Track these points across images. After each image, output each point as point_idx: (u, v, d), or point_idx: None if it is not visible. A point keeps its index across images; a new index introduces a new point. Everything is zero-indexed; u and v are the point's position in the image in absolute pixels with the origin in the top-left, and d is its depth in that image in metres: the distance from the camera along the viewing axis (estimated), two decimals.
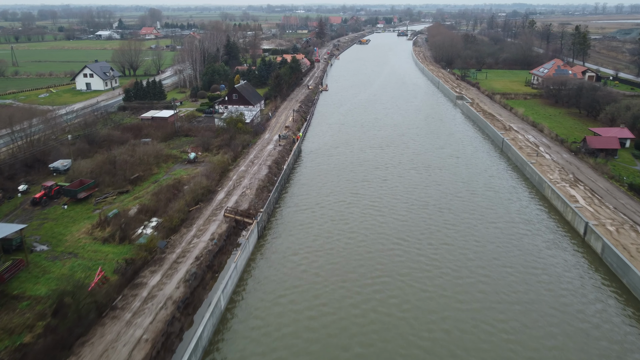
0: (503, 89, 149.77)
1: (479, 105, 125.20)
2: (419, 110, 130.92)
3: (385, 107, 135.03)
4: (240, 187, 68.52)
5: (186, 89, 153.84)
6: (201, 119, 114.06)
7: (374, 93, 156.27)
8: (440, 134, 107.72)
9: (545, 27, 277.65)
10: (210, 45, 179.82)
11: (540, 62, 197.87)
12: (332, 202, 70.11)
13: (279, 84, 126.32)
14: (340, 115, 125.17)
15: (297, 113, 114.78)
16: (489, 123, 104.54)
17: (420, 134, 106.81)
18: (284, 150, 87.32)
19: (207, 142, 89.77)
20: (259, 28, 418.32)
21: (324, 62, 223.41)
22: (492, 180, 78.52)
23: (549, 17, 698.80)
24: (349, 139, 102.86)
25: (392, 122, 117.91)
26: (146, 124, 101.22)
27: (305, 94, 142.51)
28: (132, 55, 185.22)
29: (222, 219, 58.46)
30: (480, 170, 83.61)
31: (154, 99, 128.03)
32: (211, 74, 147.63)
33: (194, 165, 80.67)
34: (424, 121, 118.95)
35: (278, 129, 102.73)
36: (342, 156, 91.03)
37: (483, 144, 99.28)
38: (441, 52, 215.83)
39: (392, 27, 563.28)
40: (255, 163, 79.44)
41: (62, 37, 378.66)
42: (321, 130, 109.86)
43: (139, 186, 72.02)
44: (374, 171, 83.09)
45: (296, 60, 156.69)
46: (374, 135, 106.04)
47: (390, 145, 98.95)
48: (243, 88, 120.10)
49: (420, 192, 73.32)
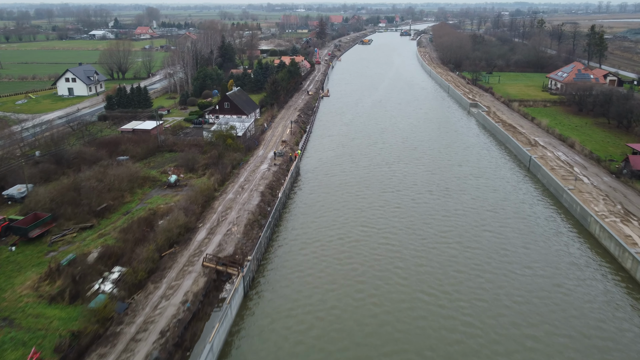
0: (519, 95, 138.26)
1: (496, 114, 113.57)
2: (430, 119, 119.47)
3: (392, 115, 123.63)
4: (225, 223, 57.09)
5: (176, 95, 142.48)
6: (189, 131, 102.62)
7: (379, 99, 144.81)
8: (456, 147, 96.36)
9: (555, 27, 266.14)
10: (204, 46, 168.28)
11: (554, 65, 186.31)
12: (335, 238, 58.80)
13: (275, 91, 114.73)
14: (343, 125, 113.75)
15: (296, 124, 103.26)
16: (511, 136, 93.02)
17: (433, 148, 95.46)
18: (279, 170, 75.88)
19: (192, 161, 78.37)
20: (257, 27, 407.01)
21: (324, 64, 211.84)
22: (524, 209, 67.08)
23: (553, 16, 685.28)
24: (353, 154, 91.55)
25: (400, 133, 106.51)
26: (125, 138, 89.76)
27: (305, 100, 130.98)
28: (120, 57, 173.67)
29: (200, 270, 47.06)
30: (507, 194, 72.21)
31: (138, 107, 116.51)
32: (203, 79, 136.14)
33: (174, 191, 69.31)
34: (436, 132, 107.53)
35: (274, 143, 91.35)
36: (346, 176, 79.69)
37: (506, 161, 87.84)
38: (449, 54, 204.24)
39: (394, 26, 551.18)
40: (245, 188, 67.95)
41: (55, 37, 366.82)
42: (322, 144, 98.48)
43: (106, 219, 60.68)
44: (383, 195, 71.76)
45: (295, 63, 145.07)
46: (381, 149, 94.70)
47: (400, 161, 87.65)
48: (236, 96, 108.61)
49: (440, 224, 61.98)
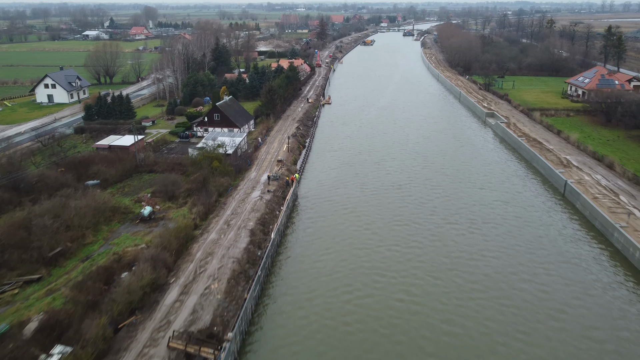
0: (538, 102, 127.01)
1: (516, 126, 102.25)
2: (442, 131, 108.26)
3: (401, 125, 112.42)
4: (204, 277, 45.93)
5: (166, 102, 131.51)
6: (174, 146, 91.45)
7: (385, 106, 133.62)
8: (475, 165, 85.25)
9: (565, 28, 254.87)
10: (196, 49, 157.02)
11: (569, 68, 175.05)
12: (340, 291, 47.75)
13: (271, 100, 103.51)
14: (347, 137, 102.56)
15: (294, 138, 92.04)
16: (538, 154, 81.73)
17: (449, 165, 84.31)
18: (273, 199, 64.69)
19: (172, 186, 67.24)
20: (255, 28, 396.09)
21: (325, 66, 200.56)
22: (567, 249, 55.88)
23: (556, 15, 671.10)
24: (359, 174, 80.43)
25: (411, 147, 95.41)
26: (99, 157, 78.55)
27: (304, 109, 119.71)
28: (107, 59, 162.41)
29: (164, 355, 35.92)
30: (543, 228, 61.02)
31: (120, 117, 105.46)
32: (193, 85, 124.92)
33: (147, 226, 58.21)
34: (451, 146, 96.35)
35: (268, 163, 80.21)
36: (352, 203, 68.58)
37: (535, 185, 76.57)
38: (457, 56, 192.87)
39: (396, 26, 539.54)
40: (232, 225, 56.73)
41: (47, 38, 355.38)
42: (323, 162, 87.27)
43: (59, 267, 49.61)
44: (396, 229, 60.67)
45: (294, 68, 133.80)
46: (391, 167, 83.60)
47: (412, 182, 76.57)
48: (227, 106, 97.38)
49: (468, 270, 50.85)
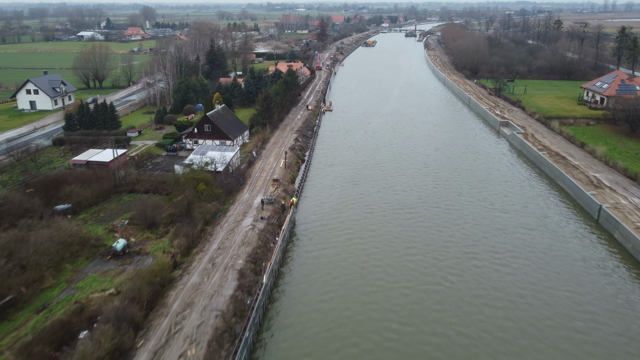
0: (553, 110, 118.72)
1: (535, 137, 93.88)
2: (453, 141, 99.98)
3: (408, 135, 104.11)
4: (180, 338, 37.59)
5: (157, 108, 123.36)
6: (160, 161, 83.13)
7: (390, 113, 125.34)
8: (492, 182, 76.94)
9: (573, 28, 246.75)
10: (189, 51, 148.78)
11: (582, 72, 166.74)
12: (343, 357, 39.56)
13: (268, 108, 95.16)
14: (350, 149, 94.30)
15: (292, 152, 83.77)
16: (564, 172, 73.34)
17: (464, 182, 75.99)
18: (267, 228, 56.40)
19: (152, 211, 58.97)
20: (252, 29, 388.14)
21: (326, 69, 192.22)
22: (613, 292, 47.47)
23: (559, 15, 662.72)
24: (364, 193, 72.18)
25: (420, 159, 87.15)
26: (75, 175, 70.25)
27: (303, 117, 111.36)
28: (97, 62, 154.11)
29: None
30: (580, 264, 52.54)
31: (104, 127, 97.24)
32: (184, 91, 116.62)
33: (119, 264, 49.96)
34: (464, 159, 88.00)
35: (263, 181, 71.95)
36: (357, 232, 60.26)
37: (563, 208, 68.14)
38: (464, 58, 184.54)
39: (397, 26, 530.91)
40: (217, 264, 48.40)
41: (41, 38, 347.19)
42: (324, 178, 78.95)
43: (9, 321, 41.38)
44: (408, 264, 52.36)
45: (292, 72, 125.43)
46: (399, 186, 75.32)
47: (425, 202, 68.28)
48: (219, 116, 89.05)
49: (499, 324, 42.56)
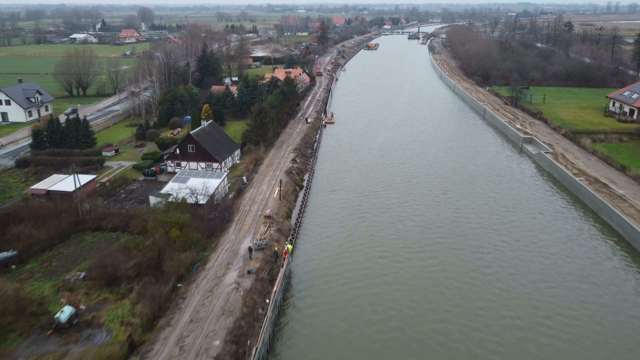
0: (578, 122, 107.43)
1: (566, 157, 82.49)
2: (471, 160, 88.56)
3: (419, 152, 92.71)
4: None
5: (142, 120, 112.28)
6: (136, 187, 71.79)
7: (398, 125, 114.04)
8: (522, 213, 65.45)
9: (586, 31, 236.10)
10: (180, 56, 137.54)
11: (601, 78, 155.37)
12: None
13: (262, 124, 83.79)
14: (354, 170, 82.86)
15: (288, 177, 72.41)
16: (609, 204, 61.96)
17: (488, 213, 64.55)
18: (255, 288, 45.01)
19: (114, 261, 47.74)
20: (252, 30, 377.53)
21: (327, 75, 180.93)
22: None
23: (562, 17, 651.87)
24: (372, 230, 60.87)
25: (438, 186, 75.76)
26: (30, 209, 59.05)
27: (302, 132, 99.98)
28: (80, 68, 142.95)
29: None
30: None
31: (77, 145, 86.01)
32: (171, 102, 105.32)
33: (62, 342, 38.70)
34: (487, 185, 76.58)
35: (254, 216, 60.66)
36: (367, 286, 48.90)
37: (615, 250, 56.58)
38: (474, 64, 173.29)
39: (400, 28, 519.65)
40: (187, 347, 36.85)
41: (32, 41, 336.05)
42: (326, 210, 67.45)
43: None
44: (434, 336, 41.12)
45: (290, 81, 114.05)
46: (413, 218, 63.98)
47: (445, 242, 56.95)
48: (205, 134, 77.65)
49: None
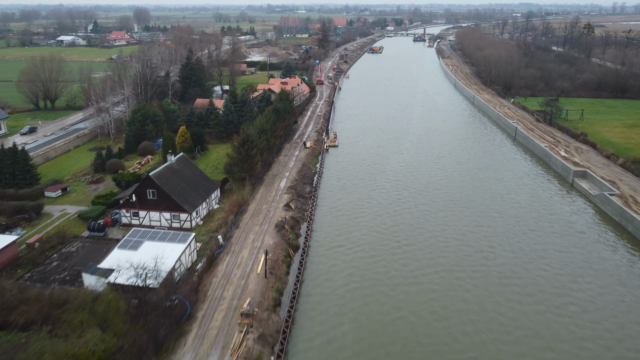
0: (631, 145, 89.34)
1: (637, 201, 64.20)
2: (512, 199, 70.19)
3: (444, 186, 74.29)
4: None
5: (111, 141, 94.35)
6: (74, 250, 53.52)
7: (414, 144, 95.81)
8: (596, 282, 47.32)
9: (608, 34, 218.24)
10: (160, 65, 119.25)
11: (638, 87, 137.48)
12: None
13: (248, 157, 65.68)
14: (365, 214, 64.52)
15: (279, 235, 54.09)
16: None
17: (551, 287, 46.47)
18: None
19: None
20: (250, 31, 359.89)
21: (329, 84, 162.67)
22: None
23: (567, 17, 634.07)
24: (394, 323, 42.80)
25: (476, 237, 57.51)
26: None
27: (300, 161, 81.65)
28: (47, 77, 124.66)
29: None
30: None
31: (12, 183, 67.73)
32: (141, 122, 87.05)
33: None
34: (538, 234, 58.42)
35: (228, 304, 42.32)
36: None
37: None
38: (494, 71, 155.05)
39: (403, 29, 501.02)
40: None
41: (17, 43, 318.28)
42: (330, 286, 48.94)
43: None
44: None
45: (286, 95, 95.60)
46: (451, 296, 45.81)
47: (491, 331, 38.90)
48: (171, 175, 59.06)
49: None
